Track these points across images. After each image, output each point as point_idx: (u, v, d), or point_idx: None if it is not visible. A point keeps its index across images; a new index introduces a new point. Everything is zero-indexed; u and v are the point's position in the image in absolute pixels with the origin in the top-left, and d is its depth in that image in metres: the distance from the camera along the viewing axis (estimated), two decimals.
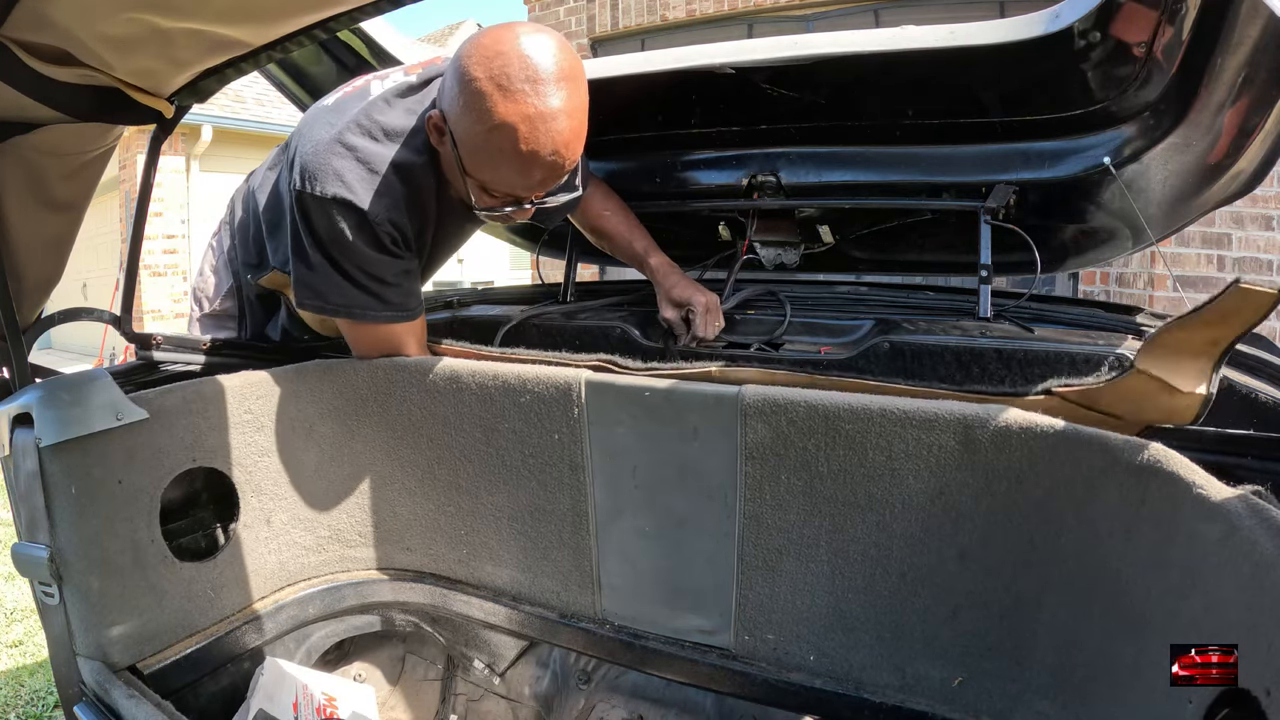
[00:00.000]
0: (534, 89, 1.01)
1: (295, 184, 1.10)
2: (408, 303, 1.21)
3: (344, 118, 1.13)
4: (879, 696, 1.01)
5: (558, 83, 1.03)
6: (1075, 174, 1.25)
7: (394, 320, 1.21)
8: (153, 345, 1.18)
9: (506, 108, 1.01)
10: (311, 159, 1.09)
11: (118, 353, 6.40)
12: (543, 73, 1.02)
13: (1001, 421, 0.87)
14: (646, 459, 1.09)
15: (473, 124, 1.05)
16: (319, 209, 1.10)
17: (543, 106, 1.02)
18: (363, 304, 1.17)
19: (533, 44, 1.03)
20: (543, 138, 1.03)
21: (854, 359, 1.25)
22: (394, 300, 1.19)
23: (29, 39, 0.75)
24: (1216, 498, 0.68)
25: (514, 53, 1.02)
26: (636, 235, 1.52)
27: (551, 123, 1.03)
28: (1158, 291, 3.53)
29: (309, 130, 1.14)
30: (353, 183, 1.09)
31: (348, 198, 1.08)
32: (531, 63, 1.02)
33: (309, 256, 1.14)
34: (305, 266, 1.16)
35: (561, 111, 1.04)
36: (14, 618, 2.63)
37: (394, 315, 1.20)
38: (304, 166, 1.10)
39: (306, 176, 1.09)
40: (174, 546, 1.09)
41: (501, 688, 1.44)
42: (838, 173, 1.46)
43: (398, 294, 1.19)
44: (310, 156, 1.10)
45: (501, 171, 1.08)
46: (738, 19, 5.10)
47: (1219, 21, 0.92)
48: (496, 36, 1.04)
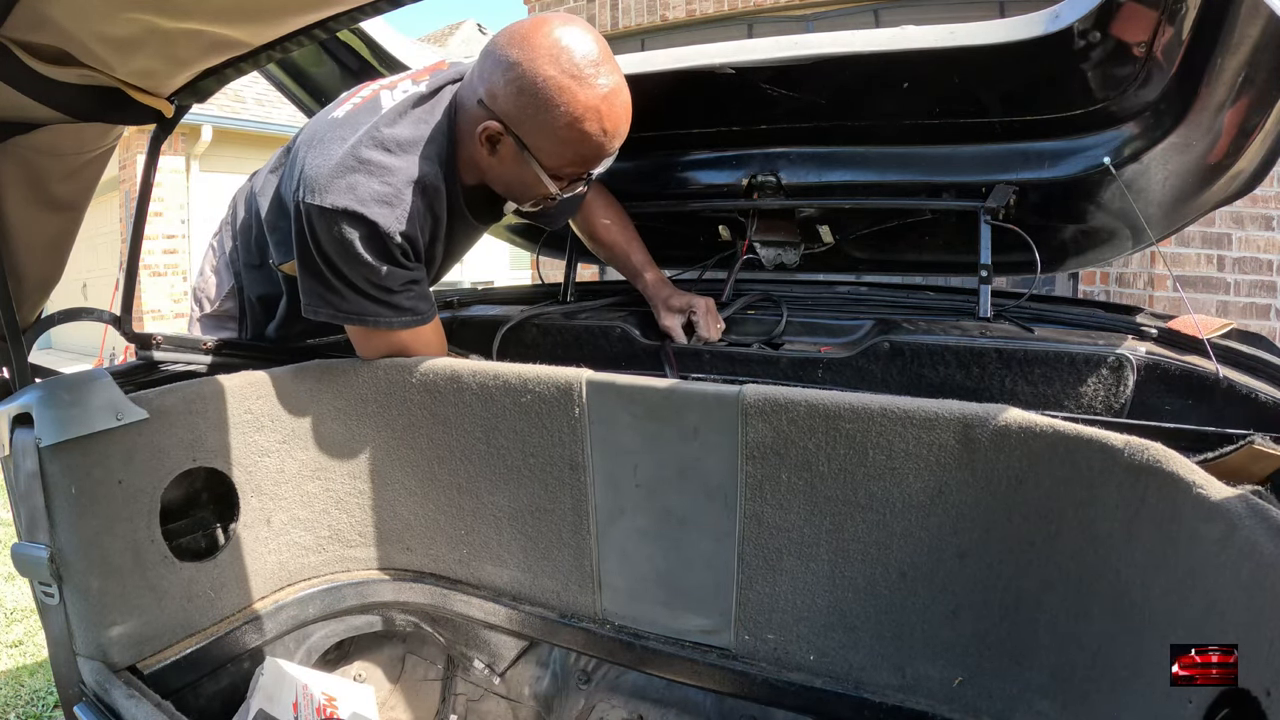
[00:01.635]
0: (599, 70, 1.08)
1: (305, 196, 1.09)
2: (419, 306, 1.21)
3: (356, 132, 1.12)
4: (879, 696, 1.00)
5: (609, 59, 1.11)
6: (1075, 174, 1.25)
7: (408, 325, 1.21)
8: (153, 345, 1.18)
9: (587, 94, 1.07)
10: (324, 172, 1.09)
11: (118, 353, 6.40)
12: (598, 54, 1.09)
13: (1001, 421, 0.87)
14: (647, 458, 1.09)
15: (556, 119, 1.09)
16: (328, 221, 1.09)
17: (613, 83, 1.10)
18: (375, 312, 1.18)
19: (576, 31, 1.09)
20: (620, 110, 1.12)
21: (854, 359, 1.25)
22: (406, 306, 1.19)
23: (29, 39, 0.75)
24: (1216, 498, 0.68)
25: (572, 44, 1.07)
26: (634, 248, 1.53)
27: (623, 94, 1.12)
28: (1158, 291, 3.53)
29: (320, 144, 1.13)
30: (365, 196, 1.09)
31: (360, 210, 1.08)
32: (586, 48, 1.08)
33: (319, 267, 1.14)
34: (313, 277, 1.15)
35: (623, 83, 1.13)
36: (14, 618, 2.63)
37: (409, 320, 1.21)
38: (315, 179, 1.09)
39: (318, 189, 1.08)
40: (174, 546, 1.09)
41: (501, 688, 1.44)
42: (838, 173, 1.47)
43: (408, 299, 1.19)
44: (322, 170, 1.09)
45: (588, 152, 1.14)
46: (738, 19, 5.10)
47: (1219, 21, 0.92)
48: (546, 33, 1.08)
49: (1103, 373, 1.08)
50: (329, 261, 1.13)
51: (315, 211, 1.09)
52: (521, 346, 1.55)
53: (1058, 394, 1.12)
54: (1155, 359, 1.07)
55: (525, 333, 1.53)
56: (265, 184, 1.31)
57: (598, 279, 3.55)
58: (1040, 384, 1.12)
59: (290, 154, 1.22)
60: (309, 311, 1.18)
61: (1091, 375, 1.09)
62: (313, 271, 1.15)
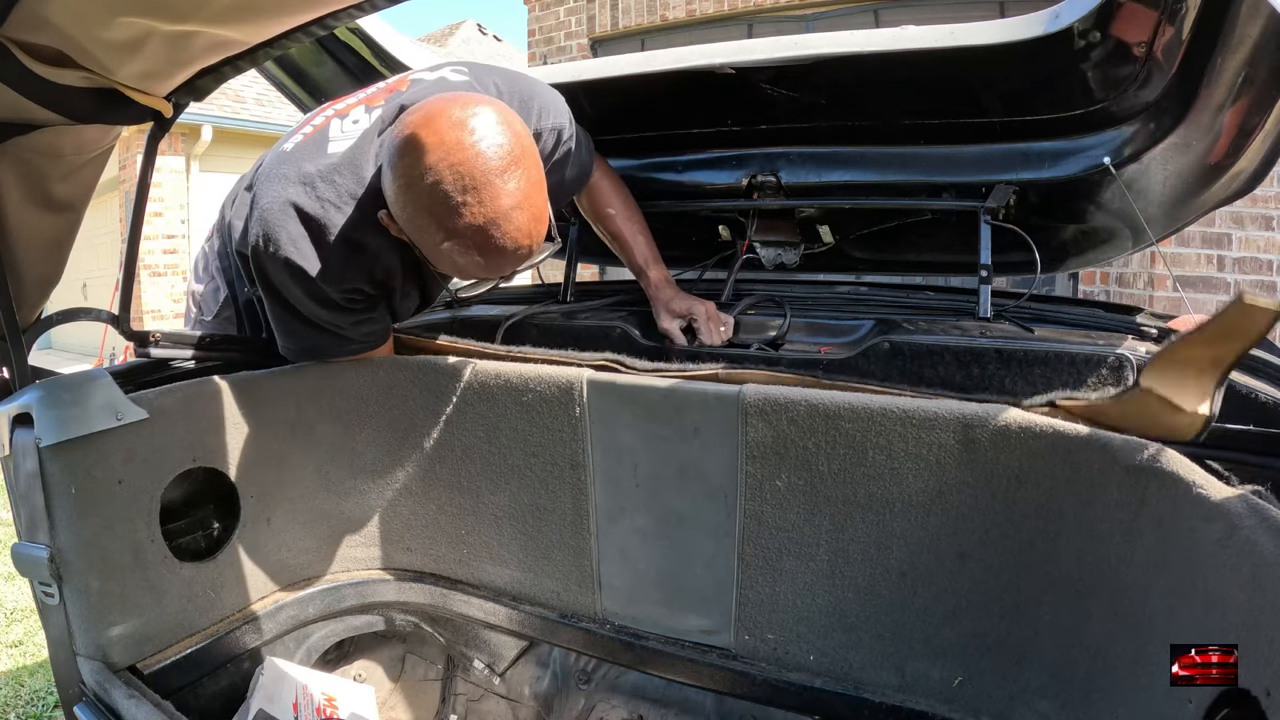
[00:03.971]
0: (476, 197, 0.93)
1: (251, 241, 1.09)
2: (373, 331, 1.23)
3: (298, 170, 1.09)
4: (879, 696, 1.01)
5: (500, 176, 0.95)
6: (1075, 174, 1.25)
7: (359, 351, 1.24)
8: (151, 343, 1.18)
9: (454, 223, 0.95)
10: (265, 219, 1.08)
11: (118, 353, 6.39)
12: (479, 175, 0.93)
13: (1001, 421, 0.87)
14: (647, 458, 1.09)
15: (424, 238, 1.01)
16: (273, 268, 1.09)
17: (492, 212, 0.94)
18: (325, 344, 1.20)
19: (461, 141, 0.94)
20: (501, 240, 0.97)
21: (854, 359, 1.25)
22: (355, 337, 1.21)
23: (28, 40, 0.75)
24: (1216, 498, 0.68)
25: (443, 162, 0.93)
26: (640, 243, 1.50)
27: (505, 224, 0.96)
28: (1158, 291, 3.53)
29: (267, 182, 1.10)
30: (305, 250, 1.07)
31: (299, 264, 1.07)
32: (465, 168, 0.93)
33: (272, 308, 1.16)
34: (271, 316, 1.18)
35: (513, 208, 0.96)
36: (14, 618, 2.63)
37: (359, 348, 1.23)
38: (258, 226, 1.08)
39: (261, 237, 1.08)
40: (174, 546, 1.09)
41: (501, 688, 1.44)
42: (838, 173, 1.46)
43: (358, 332, 1.20)
44: (265, 215, 1.08)
45: (467, 271, 1.06)
46: (738, 19, 5.10)
47: (1219, 21, 0.92)
48: (422, 142, 0.95)
49: (1103, 373, 1.08)
50: (282, 302, 1.14)
51: (264, 258, 1.09)
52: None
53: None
54: None
55: (525, 333, 1.53)
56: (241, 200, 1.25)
57: (598, 279, 3.55)
58: (1040, 384, 1.12)
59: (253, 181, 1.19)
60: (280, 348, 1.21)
61: (1091, 375, 1.09)
62: (269, 310, 1.17)
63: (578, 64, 1.60)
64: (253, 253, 1.10)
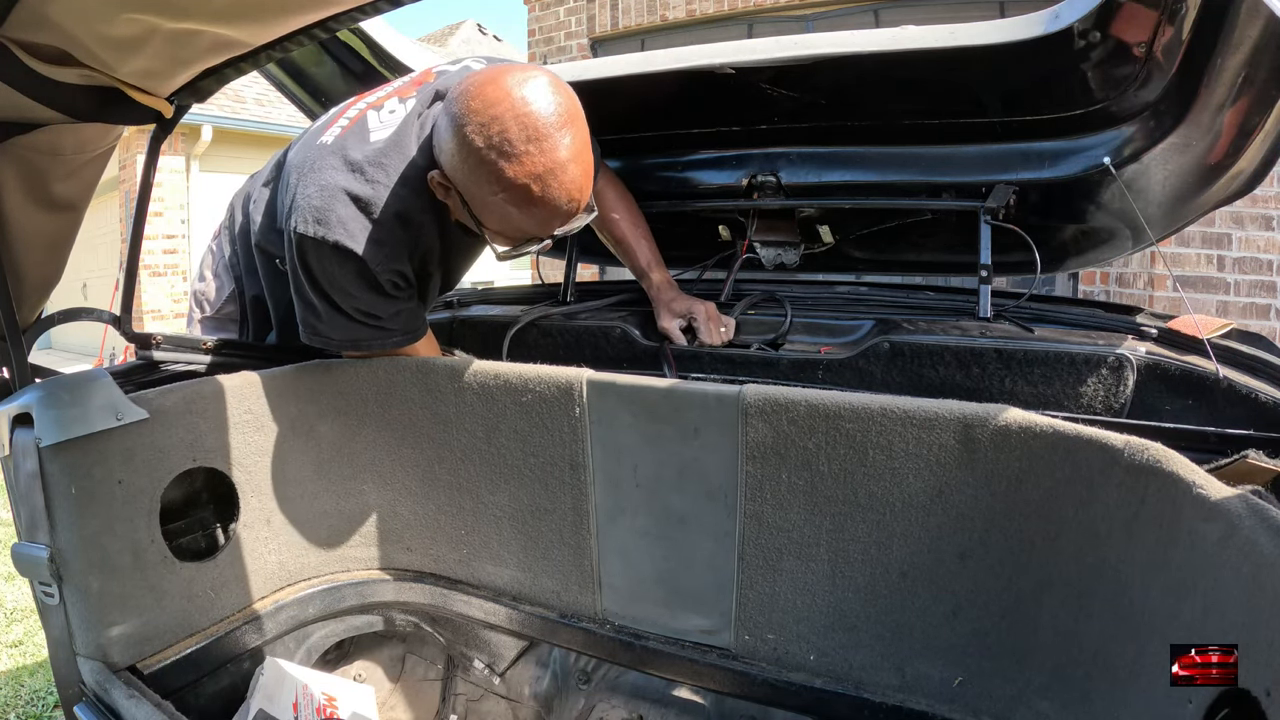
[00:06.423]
0: (538, 147, 1.00)
1: (297, 226, 1.10)
2: (410, 325, 1.24)
3: (344, 159, 1.12)
4: (879, 696, 1.01)
5: (559, 131, 1.01)
6: (1075, 174, 1.25)
7: (400, 345, 1.24)
8: (153, 345, 1.18)
9: (515, 170, 1.00)
10: (315, 204, 1.09)
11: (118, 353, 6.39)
12: (542, 126, 1.00)
13: (1001, 421, 0.87)
14: (647, 458, 1.09)
15: (482, 188, 1.04)
16: (320, 253, 1.10)
17: (550, 162, 1.00)
18: (367, 337, 1.20)
19: (525, 96, 1.00)
20: (556, 191, 1.02)
21: (854, 359, 1.25)
22: (395, 328, 1.21)
23: (29, 39, 0.75)
24: (1216, 498, 0.68)
25: (509, 113, 0.99)
26: (643, 247, 1.52)
27: (562, 175, 1.02)
28: (1158, 291, 3.53)
29: (311, 172, 1.12)
30: (355, 231, 1.09)
31: (350, 246, 1.09)
32: (529, 119, 0.99)
33: (310, 297, 1.16)
34: (307, 306, 1.18)
35: (569, 160, 1.02)
36: (14, 618, 2.63)
37: (400, 340, 1.23)
38: (306, 210, 1.09)
39: (309, 222, 1.09)
40: (174, 546, 1.09)
41: (501, 688, 1.44)
42: (838, 173, 1.46)
43: (398, 322, 1.21)
44: (313, 201, 1.09)
45: (519, 225, 1.09)
46: (738, 19, 5.10)
47: (1219, 21, 0.92)
48: (486, 96, 1.01)
49: (1103, 373, 1.08)
50: (320, 291, 1.14)
51: (309, 243, 1.10)
52: (521, 347, 1.55)
53: (1058, 394, 1.12)
54: (1155, 359, 1.07)
55: (525, 333, 1.53)
56: (259, 197, 1.30)
57: (598, 279, 3.55)
58: (1040, 384, 1.12)
59: (282, 173, 1.21)
60: (305, 337, 1.21)
61: (1091, 375, 1.09)
62: (305, 301, 1.17)
63: (578, 64, 1.60)
64: (299, 241, 1.10)
